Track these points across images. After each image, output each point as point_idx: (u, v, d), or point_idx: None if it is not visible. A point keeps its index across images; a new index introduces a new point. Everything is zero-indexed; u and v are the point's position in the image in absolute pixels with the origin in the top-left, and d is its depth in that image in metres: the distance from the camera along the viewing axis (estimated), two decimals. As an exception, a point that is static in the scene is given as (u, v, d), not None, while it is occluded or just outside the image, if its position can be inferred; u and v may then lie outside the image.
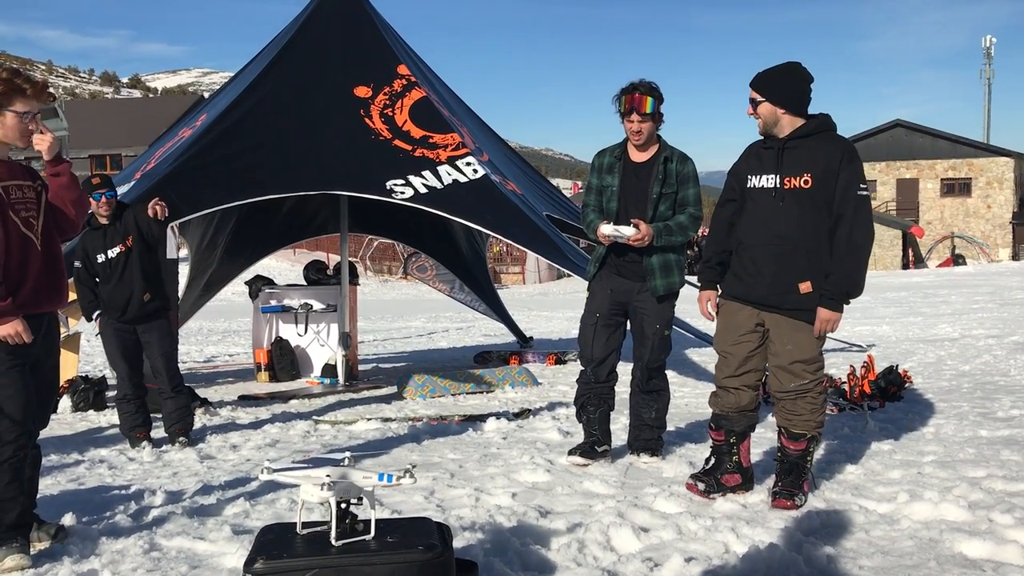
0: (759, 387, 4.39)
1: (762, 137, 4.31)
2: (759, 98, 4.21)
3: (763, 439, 5.38)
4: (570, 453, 5.16)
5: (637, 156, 5.04)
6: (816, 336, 4.17)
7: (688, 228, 5.04)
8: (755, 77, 4.26)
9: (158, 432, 6.22)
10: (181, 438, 6.08)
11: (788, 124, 4.20)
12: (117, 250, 6.12)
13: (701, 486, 4.40)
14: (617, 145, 5.14)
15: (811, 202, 4.11)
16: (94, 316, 6.20)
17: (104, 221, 6.15)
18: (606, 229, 4.88)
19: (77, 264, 6.18)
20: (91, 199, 6.07)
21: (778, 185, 4.17)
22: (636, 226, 4.85)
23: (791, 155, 4.17)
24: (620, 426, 5.56)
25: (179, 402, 6.18)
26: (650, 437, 5.18)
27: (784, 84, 4.21)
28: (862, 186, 4.11)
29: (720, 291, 4.46)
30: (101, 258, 6.12)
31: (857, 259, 4.10)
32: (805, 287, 4.12)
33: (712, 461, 4.47)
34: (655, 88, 4.94)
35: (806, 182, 4.12)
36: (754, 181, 4.27)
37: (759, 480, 4.51)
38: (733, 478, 4.39)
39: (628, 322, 5.17)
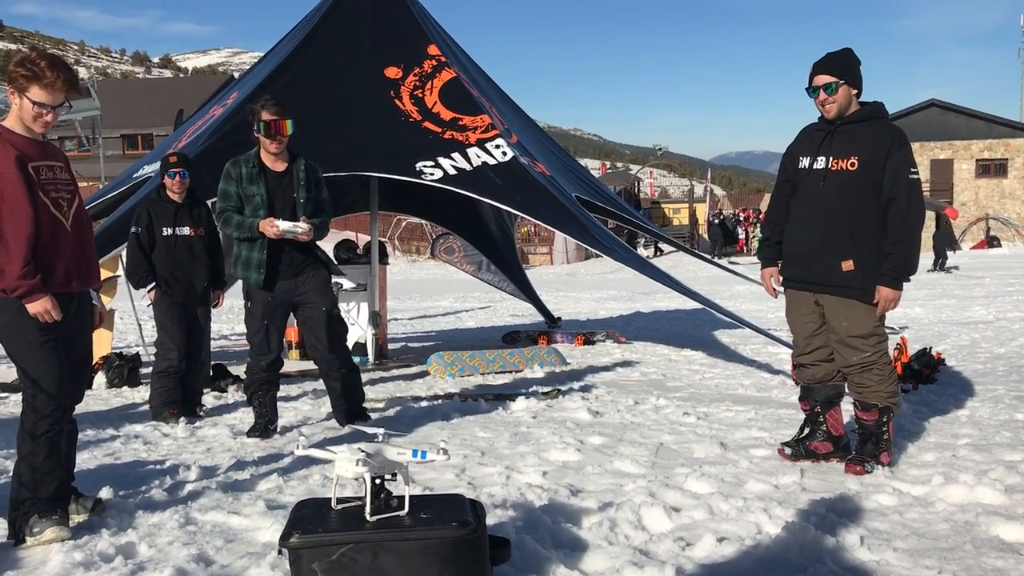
0: (831, 360, 4.54)
1: (828, 121, 4.37)
2: (839, 80, 4.25)
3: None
4: (248, 434, 5.56)
5: (275, 165, 5.49)
6: (874, 312, 4.31)
7: (327, 225, 5.65)
8: (826, 61, 4.32)
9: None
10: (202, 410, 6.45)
11: (852, 107, 4.32)
12: (187, 231, 6.32)
13: (788, 451, 4.64)
14: (250, 155, 5.48)
15: (856, 184, 4.26)
16: (148, 288, 6.31)
17: (175, 199, 6.34)
18: (284, 225, 5.31)
19: (136, 229, 6.30)
20: (166, 176, 6.30)
21: (826, 166, 4.33)
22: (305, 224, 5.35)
23: (841, 137, 4.32)
24: (631, 404, 5.50)
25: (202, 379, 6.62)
26: (355, 409, 5.77)
27: (854, 67, 4.33)
28: (912, 170, 4.25)
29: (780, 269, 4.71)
30: (167, 231, 6.28)
31: (913, 241, 4.28)
32: (847, 265, 4.30)
33: (806, 431, 4.67)
34: (288, 109, 5.38)
35: (852, 164, 4.26)
36: (804, 162, 4.44)
37: (786, 470, 4.49)
38: (824, 446, 4.61)
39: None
